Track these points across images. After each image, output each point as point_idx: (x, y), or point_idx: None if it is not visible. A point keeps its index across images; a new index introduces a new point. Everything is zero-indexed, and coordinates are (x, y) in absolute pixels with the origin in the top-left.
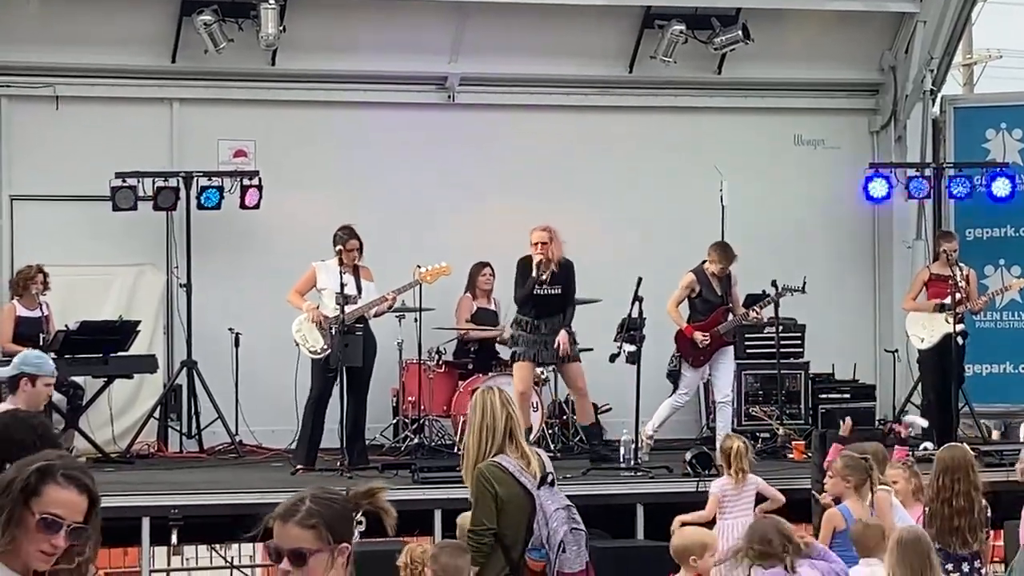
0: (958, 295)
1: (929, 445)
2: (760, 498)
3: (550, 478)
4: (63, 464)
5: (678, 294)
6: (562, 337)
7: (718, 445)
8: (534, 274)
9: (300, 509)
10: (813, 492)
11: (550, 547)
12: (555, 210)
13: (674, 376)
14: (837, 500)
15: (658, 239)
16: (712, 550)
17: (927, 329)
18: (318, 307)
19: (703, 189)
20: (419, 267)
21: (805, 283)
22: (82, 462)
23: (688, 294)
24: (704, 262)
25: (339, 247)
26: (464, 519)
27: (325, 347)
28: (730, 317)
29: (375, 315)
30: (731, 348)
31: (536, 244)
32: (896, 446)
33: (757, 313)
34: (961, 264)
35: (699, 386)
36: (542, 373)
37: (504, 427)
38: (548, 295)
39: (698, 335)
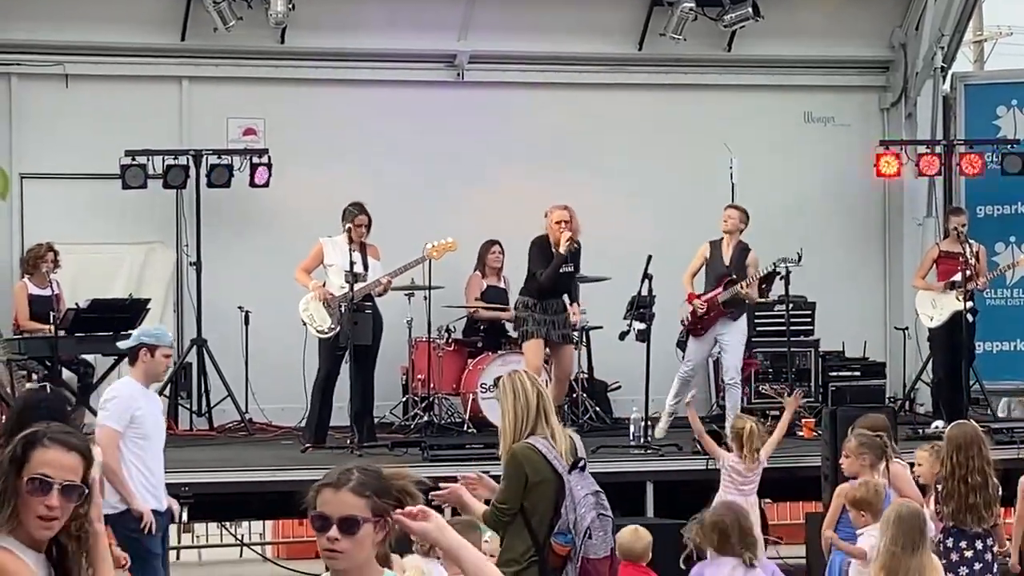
0: (968, 272)
1: (939, 423)
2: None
3: (582, 463)
4: (48, 430)
5: (693, 263)
6: (574, 308)
7: (728, 425)
8: (562, 250)
9: (351, 478)
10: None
11: (576, 532)
12: (564, 188)
13: (683, 346)
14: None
15: (668, 217)
16: None
17: (936, 307)
18: (324, 285)
19: (713, 167)
20: (427, 244)
21: (801, 255)
22: (71, 428)
23: (702, 263)
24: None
25: (348, 223)
26: None
27: (332, 326)
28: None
29: (377, 295)
30: (738, 325)
31: (560, 223)
32: None
33: (745, 287)
34: (971, 241)
35: (708, 363)
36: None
37: (537, 406)
38: (563, 274)
39: (696, 302)
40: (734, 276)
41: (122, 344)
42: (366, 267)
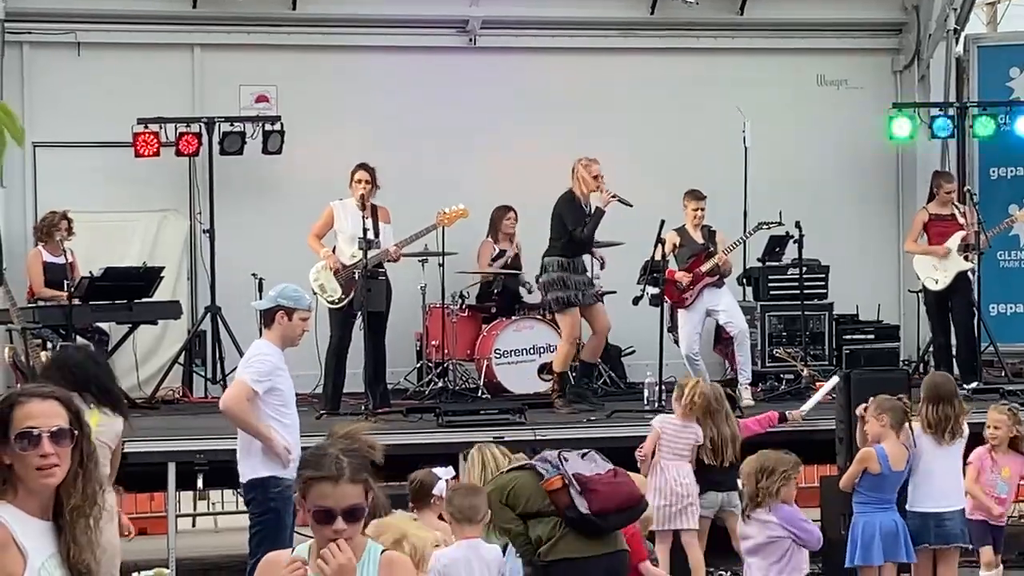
0: (965, 233)
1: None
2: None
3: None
4: (20, 390)
5: (667, 248)
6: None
7: (742, 383)
8: (602, 205)
9: (344, 466)
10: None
11: (550, 462)
12: (576, 153)
13: (673, 330)
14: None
15: (681, 182)
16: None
17: (939, 270)
18: (334, 250)
19: (726, 131)
20: (439, 210)
21: (781, 216)
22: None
23: (673, 250)
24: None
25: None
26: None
27: (342, 296)
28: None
29: (388, 261)
30: (726, 290)
31: (597, 177)
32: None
33: (725, 255)
34: (957, 204)
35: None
36: None
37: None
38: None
39: (680, 274)
40: (711, 249)
41: (258, 304)
42: (377, 233)
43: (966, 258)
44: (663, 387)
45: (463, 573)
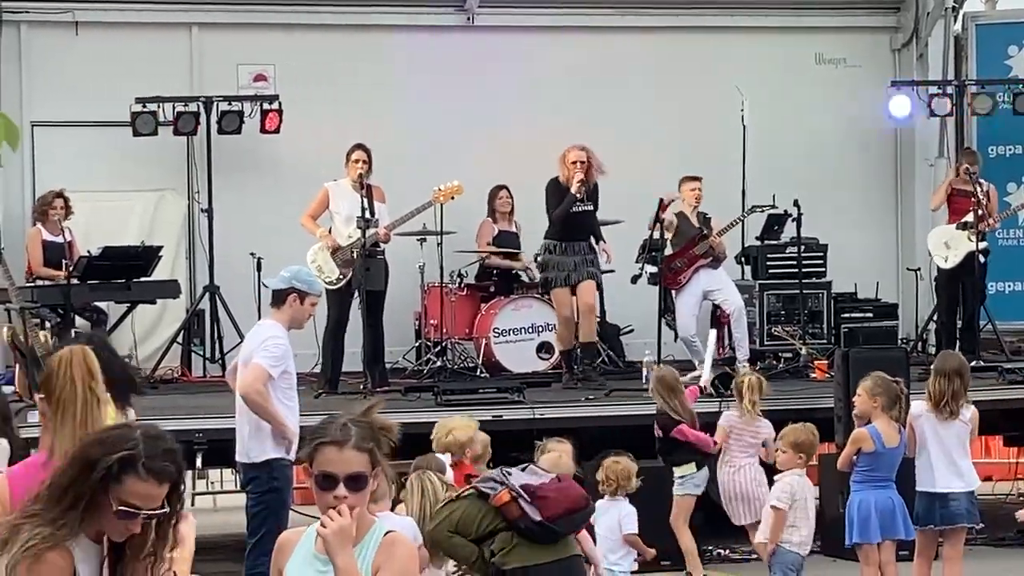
0: (980, 211)
1: None
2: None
3: None
4: (146, 453)
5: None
6: (603, 246)
7: (740, 361)
8: (573, 191)
9: (351, 433)
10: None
11: (497, 482)
12: (575, 131)
13: (669, 312)
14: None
15: (679, 160)
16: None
17: (951, 248)
18: (330, 231)
19: (724, 109)
20: (434, 188)
21: (774, 199)
22: (167, 445)
23: (672, 233)
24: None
25: (346, 162)
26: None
27: (340, 277)
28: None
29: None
30: (722, 271)
31: (575, 163)
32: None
33: (716, 237)
34: (982, 180)
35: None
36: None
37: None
38: (582, 212)
39: (677, 262)
40: (705, 232)
41: (271, 283)
42: (372, 212)
43: (968, 238)
44: (661, 365)
45: None
